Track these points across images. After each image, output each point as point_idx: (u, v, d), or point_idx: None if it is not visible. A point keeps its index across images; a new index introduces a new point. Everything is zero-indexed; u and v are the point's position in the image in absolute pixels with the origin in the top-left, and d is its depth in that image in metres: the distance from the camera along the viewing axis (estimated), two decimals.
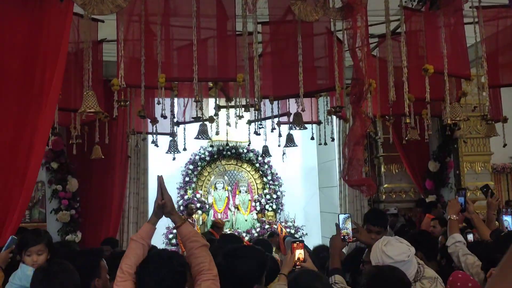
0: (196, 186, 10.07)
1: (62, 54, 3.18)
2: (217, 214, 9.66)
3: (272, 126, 5.56)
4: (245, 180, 10.11)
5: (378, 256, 2.39)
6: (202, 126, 5.04)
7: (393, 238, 2.50)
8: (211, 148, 9.92)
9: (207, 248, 2.11)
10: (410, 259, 2.38)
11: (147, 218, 8.14)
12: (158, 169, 9.79)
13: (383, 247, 2.40)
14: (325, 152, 9.47)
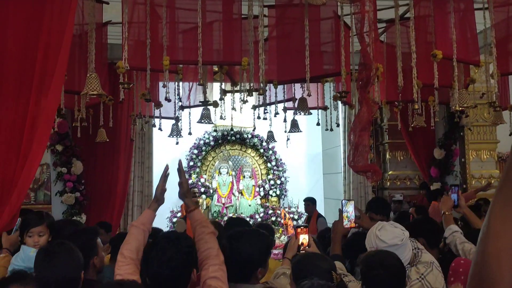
0: (200, 171, 10.09)
1: (67, 35, 3.15)
2: (221, 198, 9.69)
3: (275, 111, 5.54)
4: (249, 166, 10.11)
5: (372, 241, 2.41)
6: (205, 110, 5.02)
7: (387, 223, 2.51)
8: (215, 133, 9.91)
9: (215, 235, 2.11)
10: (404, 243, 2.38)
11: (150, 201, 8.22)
12: (163, 153, 9.83)
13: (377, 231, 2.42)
14: (330, 138, 9.45)
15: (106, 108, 5.12)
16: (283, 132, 6.43)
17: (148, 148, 8.28)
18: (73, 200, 6.37)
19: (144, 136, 8.16)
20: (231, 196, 9.80)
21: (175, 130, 6.06)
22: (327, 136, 9.68)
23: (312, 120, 6.73)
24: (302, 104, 4.89)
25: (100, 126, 5.26)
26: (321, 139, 10.62)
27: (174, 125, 6.03)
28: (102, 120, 5.09)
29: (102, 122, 5.11)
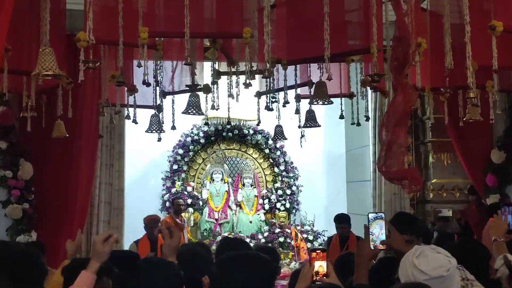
0: (187, 177, 10.11)
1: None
2: (214, 213, 9.70)
3: (285, 99, 5.53)
4: (251, 170, 10.12)
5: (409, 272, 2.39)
6: (193, 98, 5.01)
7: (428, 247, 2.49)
8: (206, 128, 9.91)
9: None
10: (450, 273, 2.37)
11: (122, 216, 8.27)
12: (138, 153, 9.89)
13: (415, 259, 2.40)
14: (357, 135, 9.43)
15: (65, 93, 5.12)
16: (296, 127, 6.42)
17: (119, 146, 8.30)
18: (20, 213, 6.38)
19: (113, 130, 8.17)
20: (226, 209, 9.81)
21: (154, 123, 6.07)
22: (354, 132, 9.64)
23: (334, 111, 6.73)
24: (320, 91, 4.88)
25: (57, 118, 5.26)
26: (345, 136, 10.60)
27: (153, 117, 6.03)
28: (60, 110, 5.09)
29: (59, 112, 5.12)
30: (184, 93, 5.50)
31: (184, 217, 8.55)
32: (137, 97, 5.78)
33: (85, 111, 6.45)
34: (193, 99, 5.14)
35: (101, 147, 7.87)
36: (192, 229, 9.46)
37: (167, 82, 5.81)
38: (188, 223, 9.17)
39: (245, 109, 9.73)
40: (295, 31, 4.33)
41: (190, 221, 9.46)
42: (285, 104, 5.64)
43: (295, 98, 5.64)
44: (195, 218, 9.67)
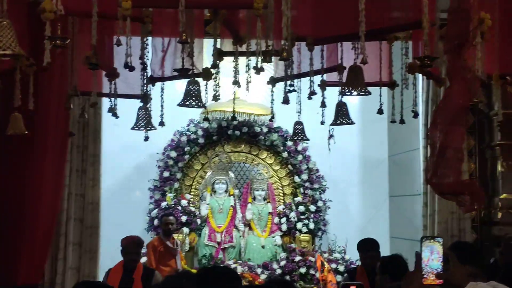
0: (181, 187, 10.15)
1: None
2: (216, 234, 9.73)
3: (310, 88, 5.54)
4: (264, 180, 10.13)
5: None
6: (192, 85, 5.04)
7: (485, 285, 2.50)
8: (207, 124, 9.94)
9: None
10: None
11: (97, 237, 8.33)
12: (119, 155, 9.95)
13: None
14: (403, 135, 9.42)
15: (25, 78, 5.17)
16: (321, 125, 6.43)
17: (93, 147, 8.37)
18: None
19: (87, 127, 8.24)
20: (231, 230, 9.83)
21: (142, 117, 6.11)
22: (398, 132, 9.63)
23: (371, 105, 6.72)
24: (354, 78, 4.89)
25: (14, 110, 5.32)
26: (388, 137, 10.58)
27: (141, 110, 6.07)
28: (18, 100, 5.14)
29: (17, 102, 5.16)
30: (177, 79, 5.53)
31: (177, 240, 8.58)
32: (119, 85, 5.82)
33: (51, 102, 6.48)
34: (192, 87, 5.16)
35: (70, 148, 7.94)
36: (187, 255, 9.48)
37: (157, 65, 5.85)
38: (183, 248, 9.19)
39: (256, 101, 9.78)
40: (321, 1, 4.35)
41: (185, 244, 9.48)
42: (311, 96, 5.64)
43: (320, 85, 5.63)
44: (192, 240, 9.69)
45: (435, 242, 3.12)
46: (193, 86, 5.10)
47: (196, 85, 5.13)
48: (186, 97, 5.12)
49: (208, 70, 5.13)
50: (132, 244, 6.77)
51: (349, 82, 4.92)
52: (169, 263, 8.17)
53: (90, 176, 8.28)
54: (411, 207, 9.42)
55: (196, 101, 5.13)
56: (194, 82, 5.09)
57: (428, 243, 3.10)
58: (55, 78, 6.36)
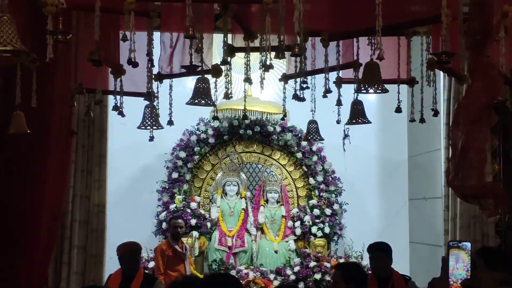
0: (190, 189, 10.16)
1: None
2: (227, 238, 9.72)
3: (326, 86, 5.53)
4: (277, 182, 10.13)
5: None
6: (201, 83, 5.04)
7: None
8: (217, 123, 9.95)
9: None
10: None
11: (102, 240, 8.34)
12: (126, 155, 9.95)
13: None
14: (424, 135, 9.37)
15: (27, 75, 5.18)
16: (337, 124, 6.41)
17: (99, 147, 8.38)
18: None
19: (93, 126, 8.25)
20: (243, 234, 9.83)
21: (148, 116, 6.12)
22: (418, 132, 9.58)
23: (390, 103, 6.69)
24: (370, 75, 4.87)
25: (16, 107, 5.33)
26: (407, 137, 10.54)
27: (147, 108, 6.08)
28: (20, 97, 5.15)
29: (19, 100, 5.18)
30: (185, 76, 5.54)
31: (186, 244, 8.59)
32: (125, 82, 5.83)
33: (54, 100, 6.50)
34: (202, 85, 5.17)
35: (75, 148, 7.96)
36: (197, 260, 9.48)
37: (165, 61, 5.85)
38: (192, 252, 9.19)
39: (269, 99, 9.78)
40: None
41: (195, 249, 9.47)
42: (327, 94, 5.63)
43: (335, 83, 5.62)
44: (201, 245, 9.69)
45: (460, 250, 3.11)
46: (202, 84, 5.10)
47: (206, 83, 5.13)
48: (195, 95, 5.13)
49: (218, 66, 5.12)
50: (129, 253, 6.64)
51: (365, 79, 4.89)
52: (178, 268, 8.19)
53: (96, 177, 8.29)
54: (432, 210, 9.36)
55: (206, 99, 5.13)
56: (203, 79, 5.10)
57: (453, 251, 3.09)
58: (58, 75, 6.38)
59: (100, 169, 8.34)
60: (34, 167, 6.66)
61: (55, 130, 6.74)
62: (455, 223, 8.41)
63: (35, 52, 4.65)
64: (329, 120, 6.85)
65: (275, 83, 9.34)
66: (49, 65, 4.50)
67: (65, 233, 7.92)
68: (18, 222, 6.54)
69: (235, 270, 9.28)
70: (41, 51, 4.15)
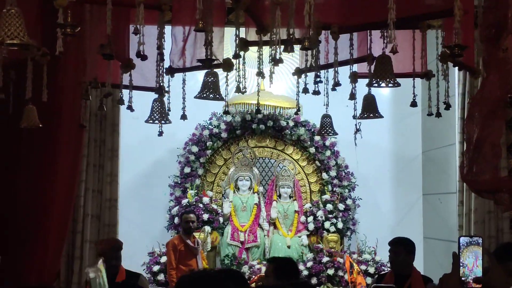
0: (202, 184, 10.17)
1: None
2: (239, 233, 9.72)
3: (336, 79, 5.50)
4: (290, 177, 10.11)
5: None
6: (209, 77, 5.02)
7: None
8: (230, 118, 9.94)
9: None
10: None
11: (114, 235, 8.35)
12: (137, 150, 9.98)
13: None
14: (438, 129, 9.33)
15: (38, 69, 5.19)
16: (352, 119, 6.38)
17: (111, 141, 8.38)
18: None
19: (105, 120, 8.26)
20: (256, 229, 9.83)
21: (157, 111, 6.12)
22: (433, 126, 9.54)
23: (404, 97, 6.66)
24: (382, 68, 4.84)
25: (27, 101, 5.34)
26: (421, 131, 10.50)
27: (155, 102, 6.07)
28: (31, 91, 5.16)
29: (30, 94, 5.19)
30: (197, 70, 5.52)
31: (198, 239, 8.61)
32: (135, 76, 5.82)
33: (65, 94, 6.52)
34: (210, 79, 5.15)
35: (87, 142, 7.98)
36: (209, 255, 9.50)
37: (176, 55, 5.84)
38: (204, 247, 9.21)
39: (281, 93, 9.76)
40: None
41: (207, 244, 9.48)
42: (335, 87, 5.61)
43: (350, 77, 5.60)
44: (214, 240, 9.70)
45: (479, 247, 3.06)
46: (210, 78, 5.09)
47: (214, 77, 5.11)
48: (204, 89, 5.12)
49: (229, 60, 5.10)
50: (110, 249, 6.71)
51: (377, 72, 4.87)
52: (190, 263, 8.22)
53: (108, 171, 8.30)
54: (446, 206, 9.33)
55: (214, 94, 5.11)
56: (212, 73, 5.08)
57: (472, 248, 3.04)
58: (70, 69, 6.39)
59: (112, 163, 8.35)
60: (46, 161, 6.70)
61: (66, 124, 6.76)
62: (470, 218, 8.37)
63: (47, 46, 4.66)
64: (342, 115, 6.84)
65: (288, 77, 9.33)
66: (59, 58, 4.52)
67: (77, 227, 7.93)
68: (29, 217, 6.58)
69: (247, 265, 9.29)
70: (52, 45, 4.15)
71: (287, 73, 8.90)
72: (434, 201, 10.09)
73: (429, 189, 10.39)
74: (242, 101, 9.43)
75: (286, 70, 8.74)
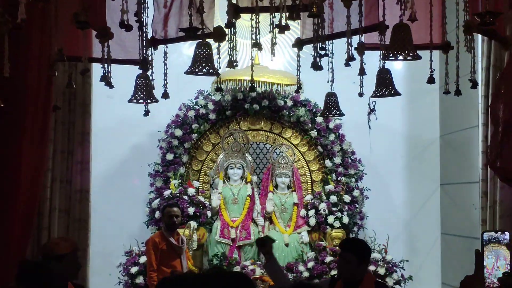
0: (187, 172, 10.17)
1: None
2: (229, 229, 9.74)
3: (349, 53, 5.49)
4: (288, 164, 10.11)
5: None
6: (202, 48, 5.01)
7: None
8: (219, 96, 9.93)
9: None
10: None
11: (86, 232, 8.37)
12: (112, 134, 9.95)
13: None
14: (458, 110, 9.36)
15: None
16: (359, 97, 6.39)
17: (83, 123, 8.38)
18: None
19: (74, 99, 8.25)
20: (249, 225, 9.84)
21: (141, 88, 6.11)
22: (452, 106, 9.57)
23: (420, 73, 6.67)
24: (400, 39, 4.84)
25: None
26: (439, 112, 10.52)
27: (139, 79, 6.07)
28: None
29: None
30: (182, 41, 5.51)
31: (182, 236, 8.61)
32: (113, 48, 5.81)
33: (30, 69, 6.50)
34: (202, 50, 5.12)
35: (54, 125, 7.95)
36: (195, 254, 9.50)
37: (159, 24, 5.84)
38: (190, 245, 9.22)
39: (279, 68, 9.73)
40: None
41: (193, 241, 9.49)
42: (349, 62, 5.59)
43: (357, 49, 5.58)
44: (200, 237, 9.70)
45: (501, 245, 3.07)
46: (203, 49, 5.06)
47: (207, 48, 5.09)
48: (195, 63, 5.08)
49: (221, 29, 5.09)
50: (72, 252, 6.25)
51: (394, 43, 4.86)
52: (173, 264, 8.21)
53: (78, 158, 8.30)
54: (467, 197, 9.36)
55: (207, 68, 5.09)
56: (204, 44, 5.05)
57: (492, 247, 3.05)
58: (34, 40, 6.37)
59: (83, 149, 8.35)
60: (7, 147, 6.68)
61: (32, 103, 6.74)
62: (494, 212, 8.39)
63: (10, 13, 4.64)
64: (348, 93, 6.83)
65: (286, 50, 9.31)
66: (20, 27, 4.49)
67: (43, 223, 7.93)
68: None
69: (239, 266, 9.30)
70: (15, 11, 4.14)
71: (284, 45, 8.88)
72: (453, 192, 10.14)
73: (448, 178, 10.43)
74: (233, 77, 9.36)
75: (283, 41, 8.71)
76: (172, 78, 6.21)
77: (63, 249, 5.44)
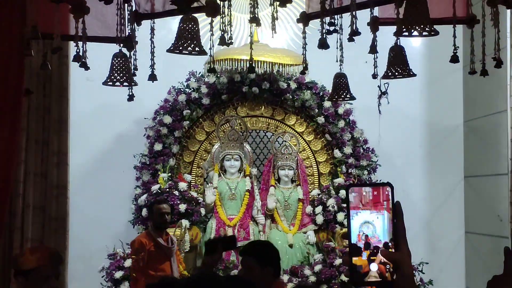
0: (178, 165, 10.19)
1: None
2: (225, 228, 9.76)
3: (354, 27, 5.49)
4: (292, 155, 10.13)
5: None
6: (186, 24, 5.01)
7: None
8: (214, 78, 9.93)
9: None
10: None
11: (64, 232, 8.38)
12: (94, 122, 9.96)
13: None
14: (484, 93, 9.37)
15: None
16: (372, 79, 6.39)
17: (59, 110, 8.40)
18: None
19: (50, 82, 8.26)
20: (247, 223, 9.88)
21: (117, 68, 6.11)
22: (477, 89, 9.58)
23: (441, 50, 6.67)
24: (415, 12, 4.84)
25: None
26: (463, 96, 10.52)
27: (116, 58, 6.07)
28: None
29: None
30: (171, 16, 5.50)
31: (172, 236, 8.63)
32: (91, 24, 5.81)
33: None
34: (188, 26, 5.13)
35: (28, 111, 7.96)
36: (187, 257, 9.55)
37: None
38: (181, 246, 9.24)
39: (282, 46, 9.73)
40: None
41: (185, 242, 9.52)
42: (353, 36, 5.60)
43: (370, 24, 5.58)
44: (193, 237, 9.73)
45: None
46: (188, 24, 5.05)
47: (193, 23, 5.08)
48: (179, 39, 5.08)
49: (215, 2, 5.09)
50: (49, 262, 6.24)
51: (408, 17, 4.85)
52: (162, 267, 8.22)
53: (55, 149, 8.31)
54: (494, 191, 9.38)
55: (193, 45, 5.08)
56: (190, 19, 5.05)
57: None
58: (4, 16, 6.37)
59: (59, 139, 8.37)
60: None
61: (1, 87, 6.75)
62: None
63: None
64: (360, 74, 6.83)
65: (289, 26, 9.30)
66: None
67: (15, 222, 7.96)
68: None
69: (237, 269, 9.32)
70: None
71: (287, 20, 8.87)
72: (478, 186, 10.16)
73: (473, 170, 10.45)
74: (229, 56, 9.30)
75: (286, 16, 8.70)
76: (160, 58, 6.21)
77: (28, 263, 5.32)
